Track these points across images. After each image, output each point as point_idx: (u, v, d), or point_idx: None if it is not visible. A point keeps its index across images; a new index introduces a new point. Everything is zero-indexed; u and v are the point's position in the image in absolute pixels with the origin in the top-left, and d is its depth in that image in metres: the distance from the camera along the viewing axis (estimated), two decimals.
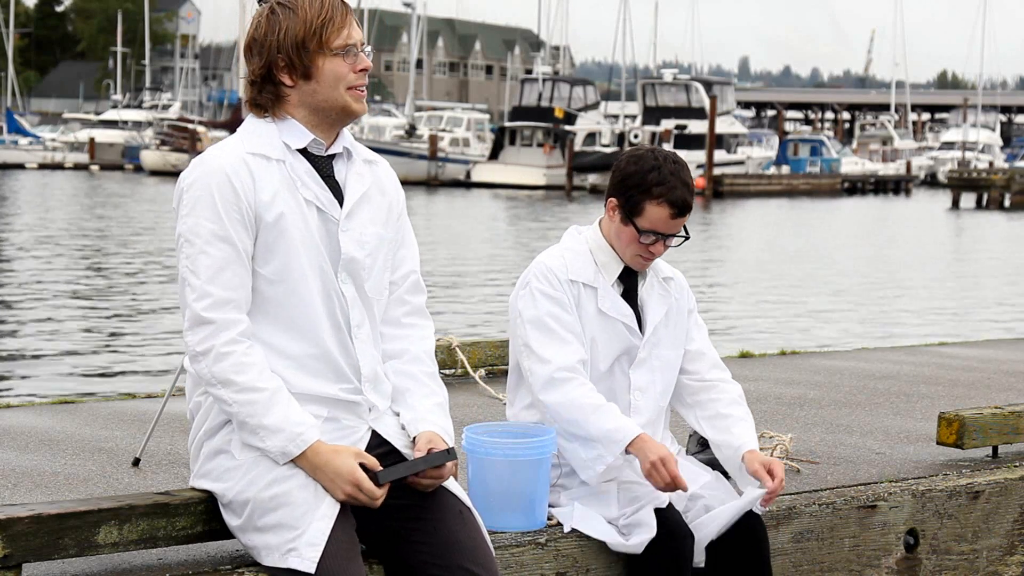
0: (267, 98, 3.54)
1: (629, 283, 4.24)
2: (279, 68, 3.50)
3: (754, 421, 4.28)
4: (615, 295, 4.21)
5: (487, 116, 79.61)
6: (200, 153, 3.60)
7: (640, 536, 3.99)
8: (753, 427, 4.25)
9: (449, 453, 3.50)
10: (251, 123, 3.58)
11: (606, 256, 4.21)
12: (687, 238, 4.20)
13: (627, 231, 4.15)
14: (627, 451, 4.02)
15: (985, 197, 55.64)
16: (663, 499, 4.04)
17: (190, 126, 65.52)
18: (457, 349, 6.58)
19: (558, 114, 62.70)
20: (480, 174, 60.85)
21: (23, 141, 70.42)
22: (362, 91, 3.56)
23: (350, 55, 3.52)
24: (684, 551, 3.99)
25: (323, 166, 3.57)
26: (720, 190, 57.72)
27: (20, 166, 66.48)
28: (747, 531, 4.12)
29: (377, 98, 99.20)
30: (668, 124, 62.92)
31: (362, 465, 3.41)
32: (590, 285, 4.18)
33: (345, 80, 3.52)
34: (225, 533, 3.59)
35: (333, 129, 3.59)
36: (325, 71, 3.51)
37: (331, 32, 3.50)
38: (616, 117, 71.27)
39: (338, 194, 3.57)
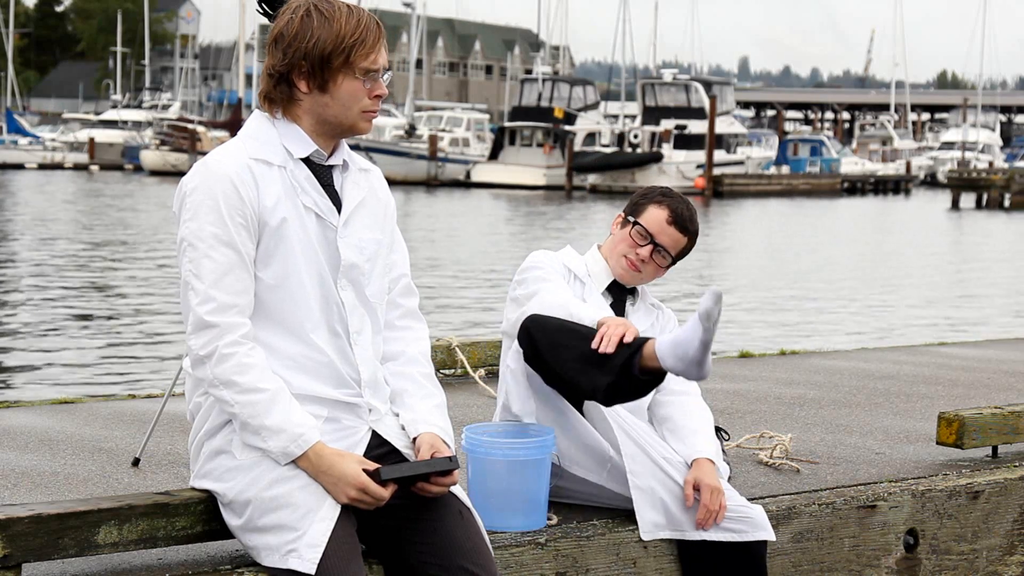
0: (279, 95, 3.52)
1: (616, 298, 4.40)
2: (298, 73, 3.48)
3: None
4: (599, 298, 4.35)
5: (487, 116, 79.48)
6: (200, 154, 3.59)
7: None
8: (705, 433, 4.27)
9: (452, 461, 3.50)
10: (253, 125, 3.57)
11: (598, 267, 4.41)
12: (674, 262, 4.43)
13: (622, 233, 4.39)
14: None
15: (985, 197, 55.62)
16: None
17: (190, 126, 65.42)
18: (457, 349, 6.56)
19: (558, 114, 62.62)
20: (480, 174, 60.79)
21: (23, 141, 70.41)
22: (374, 113, 3.56)
23: (370, 80, 3.51)
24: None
25: (323, 175, 3.57)
26: (720, 190, 57.72)
27: (20, 166, 66.46)
28: (746, 554, 4.15)
29: None
30: (668, 124, 62.82)
31: (364, 469, 3.42)
32: (580, 279, 4.37)
33: (359, 103, 3.51)
34: (225, 533, 3.60)
35: (333, 140, 3.59)
36: (342, 90, 3.49)
37: (359, 54, 3.48)
38: (616, 117, 71.23)
39: (336, 202, 3.57)
